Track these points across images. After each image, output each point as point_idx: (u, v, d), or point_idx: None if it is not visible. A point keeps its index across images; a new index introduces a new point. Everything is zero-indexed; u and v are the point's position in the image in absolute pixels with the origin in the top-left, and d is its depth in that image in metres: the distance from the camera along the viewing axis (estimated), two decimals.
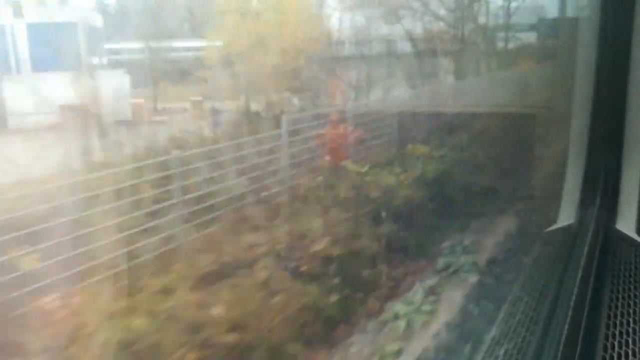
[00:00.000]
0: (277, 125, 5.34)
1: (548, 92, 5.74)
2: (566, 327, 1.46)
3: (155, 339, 3.04)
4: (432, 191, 5.27)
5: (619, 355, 1.38)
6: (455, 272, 4.40)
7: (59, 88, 5.17)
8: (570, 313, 1.53)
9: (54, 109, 5.00)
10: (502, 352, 1.61)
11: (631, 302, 1.65)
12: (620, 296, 1.69)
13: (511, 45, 8.63)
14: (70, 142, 4.57)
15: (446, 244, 4.85)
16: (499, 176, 5.60)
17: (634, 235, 2.21)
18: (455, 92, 7.66)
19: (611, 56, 2.45)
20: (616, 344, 1.41)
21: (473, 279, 4.31)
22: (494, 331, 1.78)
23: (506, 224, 5.12)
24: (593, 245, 2.07)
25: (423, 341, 3.61)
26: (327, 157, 5.44)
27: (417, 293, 4.14)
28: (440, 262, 4.58)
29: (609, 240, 2.18)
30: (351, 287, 4.13)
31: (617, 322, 1.52)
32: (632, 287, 1.76)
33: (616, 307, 1.61)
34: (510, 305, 1.92)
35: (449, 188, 5.35)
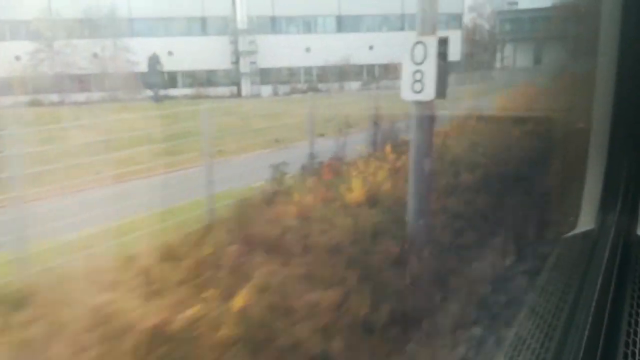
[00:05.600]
0: None
1: None
2: (586, 333, 1.45)
3: None
4: None
5: None
6: None
7: None
8: (590, 319, 1.51)
9: None
10: (520, 358, 1.60)
11: None
12: None
13: None
14: None
15: None
16: None
17: None
18: None
19: (633, 58, 2.41)
20: (637, 351, 1.39)
21: None
22: (512, 337, 1.77)
23: None
24: (613, 250, 2.05)
25: None
26: None
27: None
28: None
29: (630, 246, 2.14)
30: None
31: (638, 330, 1.50)
32: None
33: (637, 313, 1.59)
34: (529, 310, 1.91)
35: None
